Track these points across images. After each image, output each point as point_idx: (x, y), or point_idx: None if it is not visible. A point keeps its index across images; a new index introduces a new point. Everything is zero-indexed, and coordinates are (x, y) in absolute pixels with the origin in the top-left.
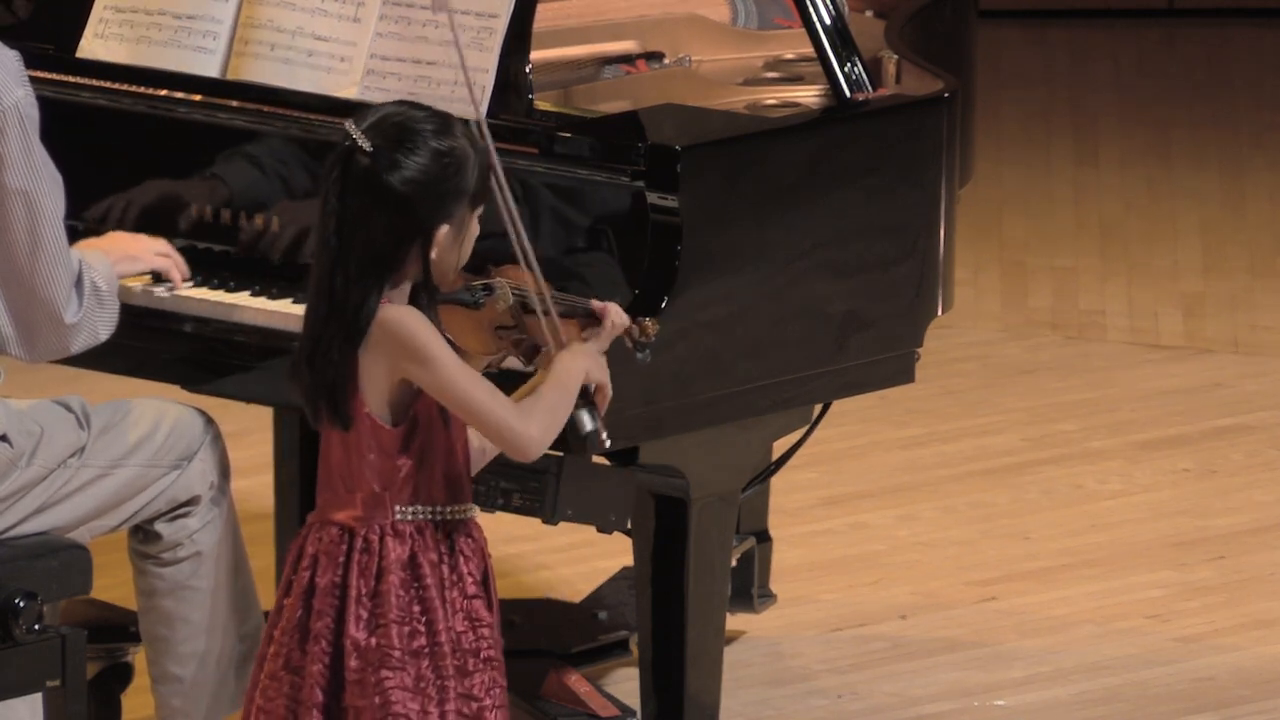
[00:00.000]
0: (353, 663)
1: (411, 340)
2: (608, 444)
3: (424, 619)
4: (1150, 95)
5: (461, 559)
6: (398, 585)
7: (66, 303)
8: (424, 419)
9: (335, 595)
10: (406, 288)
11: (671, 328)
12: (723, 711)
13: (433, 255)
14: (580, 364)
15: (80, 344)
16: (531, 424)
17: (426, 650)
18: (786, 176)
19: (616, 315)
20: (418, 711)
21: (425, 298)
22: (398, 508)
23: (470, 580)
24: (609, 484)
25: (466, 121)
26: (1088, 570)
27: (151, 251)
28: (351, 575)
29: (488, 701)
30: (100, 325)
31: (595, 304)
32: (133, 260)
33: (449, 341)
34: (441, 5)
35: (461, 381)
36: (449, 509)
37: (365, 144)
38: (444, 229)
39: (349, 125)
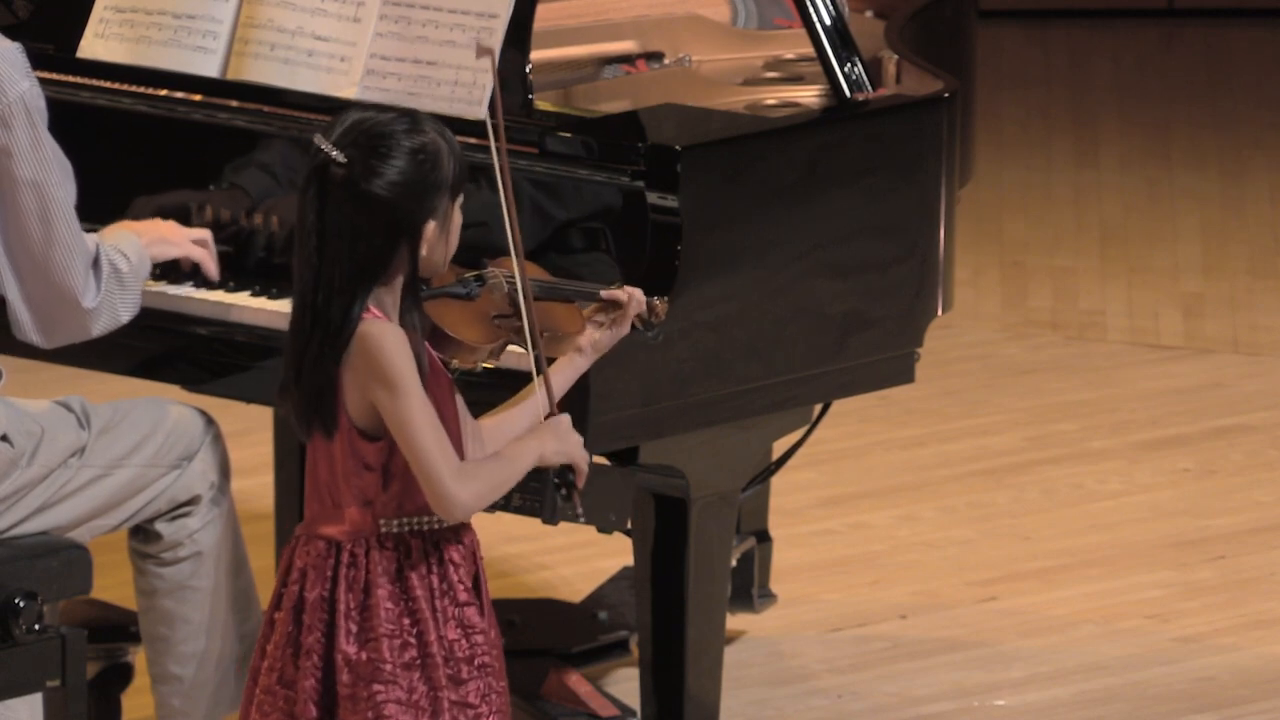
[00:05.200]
0: (344, 677)
1: (385, 364)
2: (582, 519)
3: (414, 630)
4: (1150, 95)
5: (451, 567)
6: (386, 598)
7: (84, 289)
8: None
9: (324, 609)
10: (398, 286)
11: (672, 328)
12: (723, 711)
13: (422, 252)
14: (533, 447)
15: (101, 327)
16: (465, 489)
17: (418, 662)
18: (786, 176)
19: (638, 297)
20: None
21: (411, 297)
22: (382, 521)
23: (461, 588)
24: (609, 484)
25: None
26: (1088, 570)
27: (188, 239)
28: (339, 590)
29: (484, 709)
30: (121, 307)
31: (615, 291)
32: (167, 244)
33: (447, 334)
34: (485, 51)
35: (418, 420)
36: (435, 519)
37: (339, 155)
38: (430, 225)
39: (318, 140)
